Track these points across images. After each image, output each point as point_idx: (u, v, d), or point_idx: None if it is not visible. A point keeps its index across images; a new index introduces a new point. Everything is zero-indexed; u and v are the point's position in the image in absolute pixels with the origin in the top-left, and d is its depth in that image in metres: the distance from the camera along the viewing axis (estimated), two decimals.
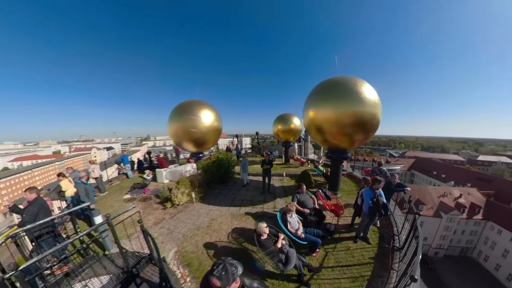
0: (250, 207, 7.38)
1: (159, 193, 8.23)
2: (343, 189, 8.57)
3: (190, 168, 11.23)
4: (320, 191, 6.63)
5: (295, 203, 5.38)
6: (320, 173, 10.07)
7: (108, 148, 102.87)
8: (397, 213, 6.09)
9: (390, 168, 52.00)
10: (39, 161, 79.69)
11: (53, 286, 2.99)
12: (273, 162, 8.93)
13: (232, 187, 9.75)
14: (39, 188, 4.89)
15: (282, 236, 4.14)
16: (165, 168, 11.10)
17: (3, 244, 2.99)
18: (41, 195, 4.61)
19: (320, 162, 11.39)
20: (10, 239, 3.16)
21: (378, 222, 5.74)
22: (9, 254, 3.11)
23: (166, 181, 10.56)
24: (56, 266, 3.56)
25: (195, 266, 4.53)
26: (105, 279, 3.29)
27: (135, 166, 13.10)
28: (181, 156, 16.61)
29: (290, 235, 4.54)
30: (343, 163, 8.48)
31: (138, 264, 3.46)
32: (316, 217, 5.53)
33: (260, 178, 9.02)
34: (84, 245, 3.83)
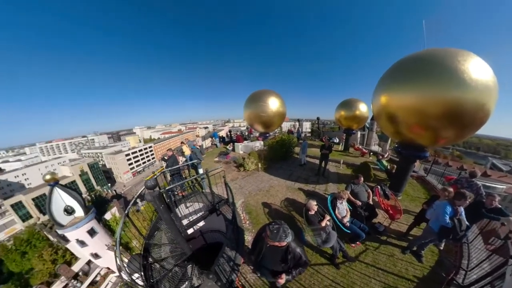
0: (304, 185, 7.30)
1: (236, 160, 9.90)
2: (407, 193, 6.56)
3: (259, 144, 12.46)
4: (379, 187, 5.44)
5: (349, 192, 4.80)
6: (383, 169, 8.06)
7: (205, 127, 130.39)
8: (477, 244, 4.05)
9: (488, 184, 29.91)
10: (172, 134, 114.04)
11: (178, 201, 4.63)
12: (332, 148, 8.05)
13: (290, 164, 9.85)
14: (173, 149, 7.24)
15: (328, 217, 4.00)
16: (241, 143, 12.87)
17: (159, 176, 4.85)
18: (174, 153, 6.83)
19: (386, 156, 8.83)
20: (161, 173, 5.05)
21: (443, 245, 4.12)
22: (161, 180, 5.00)
23: (241, 152, 12.26)
24: (179, 191, 5.36)
25: (253, 215, 5.39)
26: (200, 205, 4.68)
27: (221, 140, 15.96)
28: (252, 135, 18.28)
29: (336, 220, 4.26)
30: (415, 163, 6.37)
31: (220, 203, 4.57)
32: (367, 212, 4.74)
33: (317, 161, 8.52)
34: (192, 184, 5.46)
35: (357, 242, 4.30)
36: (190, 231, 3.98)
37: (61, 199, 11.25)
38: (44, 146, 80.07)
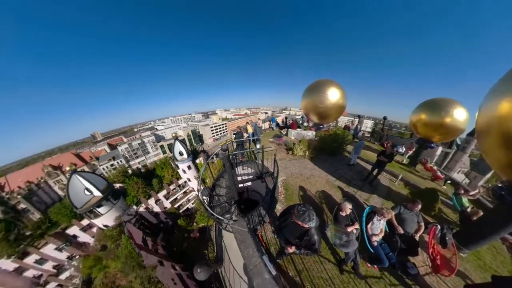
0: (345, 185, 6.12)
1: (287, 144, 9.76)
2: (481, 256, 3.89)
3: (310, 134, 11.43)
4: (439, 227, 3.59)
5: (394, 213, 3.55)
6: (458, 208, 4.96)
7: (265, 113, 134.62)
8: None
9: None
10: (240, 116, 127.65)
11: (238, 163, 5.39)
12: (393, 158, 5.93)
13: (338, 161, 8.42)
14: (240, 126, 8.17)
15: (357, 225, 3.28)
16: (294, 130, 12.31)
17: (230, 144, 5.72)
18: (241, 130, 7.74)
19: (472, 193, 5.22)
20: (231, 142, 5.93)
21: None
22: (230, 147, 5.87)
23: (292, 138, 11.78)
24: (240, 157, 6.15)
25: (289, 193, 5.44)
26: (252, 171, 5.26)
27: (277, 125, 15.98)
28: (307, 124, 16.88)
29: (365, 234, 3.38)
30: None
31: (266, 173, 4.90)
32: (405, 245, 3.37)
33: (369, 166, 6.71)
34: (250, 154, 6.08)
35: (375, 266, 3.40)
36: (240, 185, 4.67)
37: (178, 146, 19.96)
38: (172, 118, 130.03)
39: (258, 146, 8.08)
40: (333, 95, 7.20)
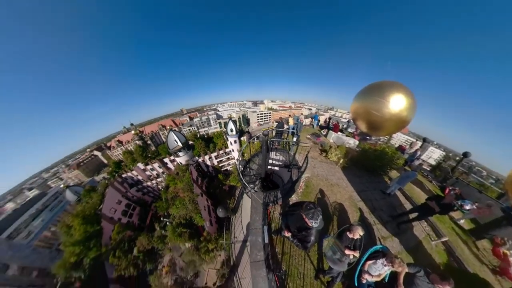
0: (367, 210, 4.93)
1: (323, 145, 8.74)
2: None
3: (352, 142, 9.43)
4: None
5: (407, 270, 2.54)
6: None
7: (309, 109, 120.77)
8: None
9: None
10: (284, 108, 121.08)
11: (273, 149, 5.59)
12: (450, 212, 3.90)
13: (373, 183, 6.46)
14: (282, 117, 8.16)
15: (357, 254, 2.68)
16: (335, 133, 10.52)
17: (270, 131, 5.90)
18: (282, 120, 7.64)
19: None
20: (271, 130, 6.08)
21: None
22: (270, 133, 6.08)
23: (331, 141, 10.22)
24: (276, 144, 6.22)
25: (308, 190, 5.22)
26: (283, 158, 5.30)
27: (318, 123, 14.29)
28: (350, 130, 14.04)
29: (359, 268, 2.77)
30: None
31: (294, 165, 4.85)
32: None
33: (408, 206, 5.01)
34: (285, 144, 6.10)
35: None
36: (269, 167, 4.98)
37: (231, 125, 24.68)
38: (229, 103, 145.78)
39: (294, 138, 7.80)
40: (396, 103, 5.11)
